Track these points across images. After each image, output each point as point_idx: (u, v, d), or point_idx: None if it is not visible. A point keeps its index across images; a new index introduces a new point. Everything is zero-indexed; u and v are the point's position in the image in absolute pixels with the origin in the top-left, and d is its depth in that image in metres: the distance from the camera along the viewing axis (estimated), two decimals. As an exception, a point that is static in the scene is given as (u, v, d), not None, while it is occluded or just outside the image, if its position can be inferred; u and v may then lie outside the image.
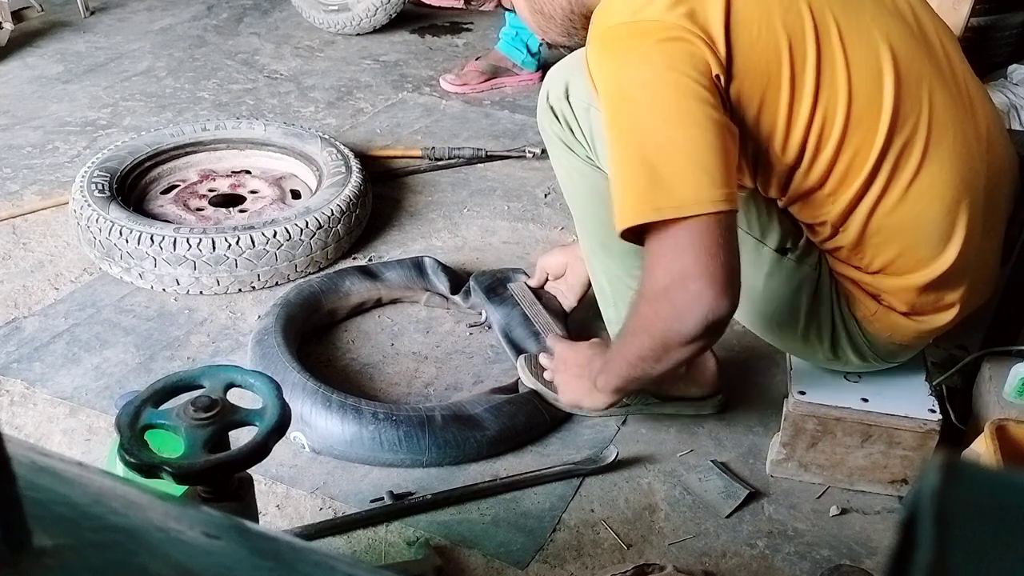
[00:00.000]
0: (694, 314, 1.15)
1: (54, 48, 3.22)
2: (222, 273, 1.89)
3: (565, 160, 1.47)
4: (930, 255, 1.30)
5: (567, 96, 1.41)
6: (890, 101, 1.22)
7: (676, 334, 1.19)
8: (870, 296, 1.37)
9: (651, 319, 1.22)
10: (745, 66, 1.18)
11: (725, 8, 1.17)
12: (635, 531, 1.42)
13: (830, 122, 1.22)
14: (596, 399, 1.47)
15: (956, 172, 1.27)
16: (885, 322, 1.38)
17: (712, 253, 1.12)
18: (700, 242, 1.12)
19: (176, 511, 0.43)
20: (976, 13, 2.57)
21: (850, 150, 1.23)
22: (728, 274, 1.14)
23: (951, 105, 1.27)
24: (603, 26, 1.22)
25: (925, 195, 1.26)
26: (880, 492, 1.49)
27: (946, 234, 1.29)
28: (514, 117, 2.83)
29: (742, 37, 1.17)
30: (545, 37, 1.46)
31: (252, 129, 2.34)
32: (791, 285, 1.38)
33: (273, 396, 0.97)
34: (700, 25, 1.16)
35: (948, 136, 1.26)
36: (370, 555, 1.37)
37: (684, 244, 1.13)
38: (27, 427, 1.59)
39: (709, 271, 1.13)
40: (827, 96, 1.21)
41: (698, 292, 1.13)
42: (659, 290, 1.18)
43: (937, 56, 1.29)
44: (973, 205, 1.29)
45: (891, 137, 1.23)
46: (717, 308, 1.14)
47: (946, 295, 1.35)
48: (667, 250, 1.15)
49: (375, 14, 3.32)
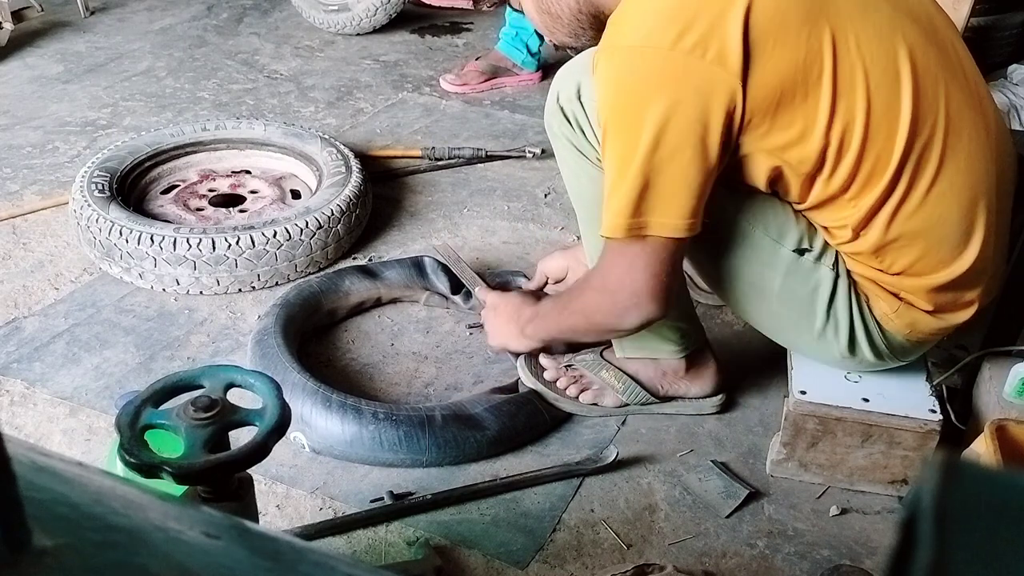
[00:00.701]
0: (632, 318, 1.36)
1: (54, 48, 3.22)
2: (222, 273, 1.89)
3: (573, 162, 1.46)
4: (951, 255, 1.30)
5: (579, 97, 1.39)
6: (908, 104, 1.22)
7: (611, 327, 1.43)
8: (891, 294, 1.37)
9: (592, 308, 1.41)
10: (758, 84, 1.18)
11: (743, 31, 1.15)
12: (635, 531, 1.42)
13: (850, 129, 1.21)
14: (522, 343, 1.63)
15: (973, 172, 1.27)
16: (906, 319, 1.37)
17: (658, 272, 1.30)
18: (657, 260, 1.29)
19: (176, 511, 0.43)
20: (976, 13, 2.57)
21: (872, 155, 1.23)
22: (667, 291, 1.33)
23: (965, 105, 1.27)
24: (616, 42, 1.23)
25: (945, 196, 1.26)
26: (880, 492, 1.49)
27: (967, 234, 1.29)
28: (514, 117, 2.83)
29: (759, 56, 1.17)
30: (552, 38, 1.45)
31: (252, 129, 2.34)
32: (809, 285, 1.38)
33: (273, 396, 0.97)
34: (714, 53, 1.15)
35: (964, 137, 1.26)
36: (370, 555, 1.37)
37: (640, 262, 1.30)
38: (27, 427, 1.59)
39: (653, 289, 1.31)
40: (846, 104, 1.20)
41: (640, 303, 1.33)
42: (608, 289, 1.36)
43: (949, 55, 1.28)
44: (989, 203, 1.30)
45: (911, 140, 1.23)
46: (651, 316, 1.35)
47: (966, 293, 1.35)
48: (625, 261, 1.32)
49: (375, 14, 3.32)
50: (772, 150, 1.24)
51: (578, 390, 1.62)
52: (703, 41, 1.16)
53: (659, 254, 1.28)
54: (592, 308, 1.41)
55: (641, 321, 1.36)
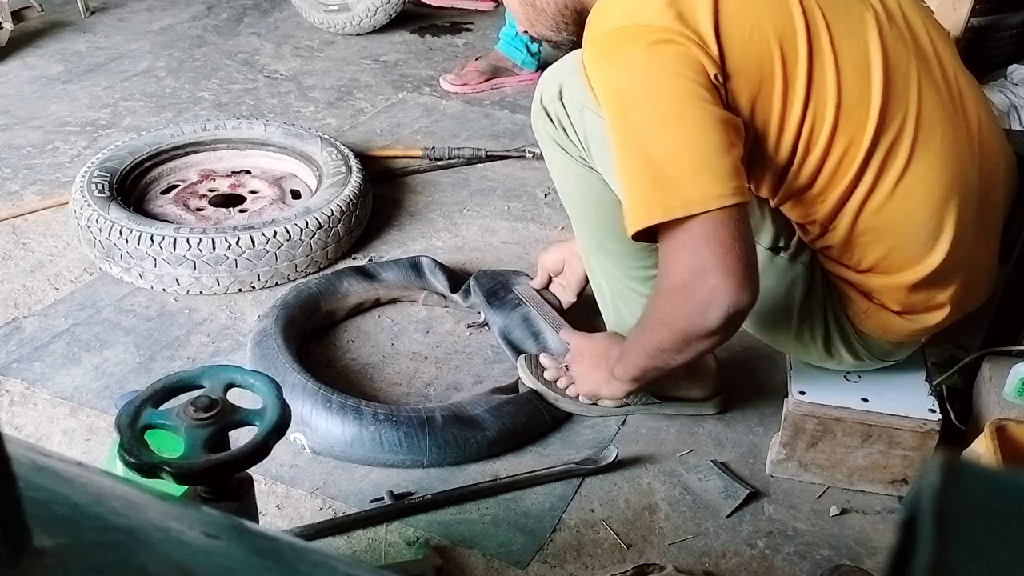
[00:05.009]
0: (715, 308, 1.17)
1: (54, 48, 3.22)
2: (222, 273, 1.89)
3: (560, 161, 1.47)
4: (918, 254, 1.30)
5: (561, 97, 1.40)
6: (878, 99, 1.22)
7: (697, 327, 1.21)
8: (861, 294, 1.37)
9: (671, 313, 1.24)
10: (738, 68, 1.18)
11: (713, 11, 1.17)
12: (635, 531, 1.42)
13: (819, 121, 1.22)
14: (615, 388, 1.51)
15: (944, 171, 1.27)
16: (877, 320, 1.38)
17: (728, 246, 1.14)
18: (715, 236, 1.14)
19: (176, 511, 0.43)
20: (976, 13, 2.57)
21: (839, 149, 1.23)
22: (746, 266, 1.15)
23: (939, 104, 1.27)
24: (598, 31, 1.23)
25: (912, 194, 1.26)
26: (880, 492, 1.49)
27: (935, 233, 1.28)
28: (514, 117, 2.83)
29: (733, 39, 1.18)
30: (531, 30, 1.45)
31: (252, 129, 2.34)
32: (784, 283, 1.38)
33: (273, 396, 0.97)
34: (691, 27, 1.16)
35: (936, 135, 1.26)
36: (370, 555, 1.37)
37: (699, 240, 1.14)
38: (27, 427, 1.59)
39: (726, 264, 1.14)
40: (817, 96, 1.21)
41: (718, 286, 1.15)
42: (678, 286, 1.19)
43: (926, 54, 1.29)
44: (963, 204, 1.29)
45: (879, 135, 1.23)
46: (738, 300, 1.16)
47: (937, 295, 1.35)
48: (683, 247, 1.16)
49: (375, 14, 3.32)
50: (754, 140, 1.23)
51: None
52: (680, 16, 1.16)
53: (715, 230, 1.14)
54: (671, 314, 1.24)
55: (726, 311, 1.16)
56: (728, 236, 1.14)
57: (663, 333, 1.28)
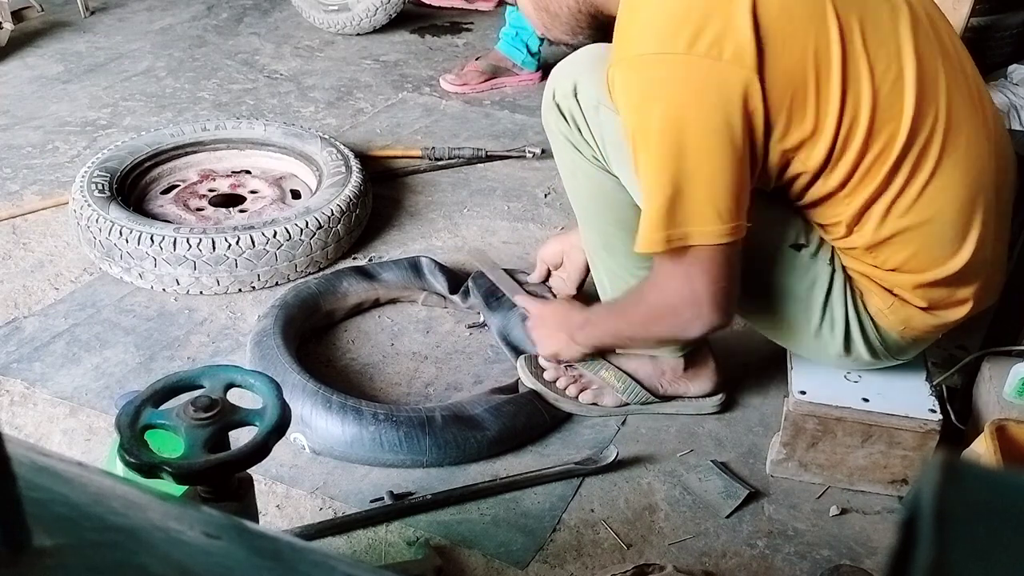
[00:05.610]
0: (695, 328, 1.34)
1: (54, 48, 3.22)
2: (222, 273, 1.89)
3: (570, 160, 1.46)
4: (946, 253, 1.30)
5: (575, 94, 1.38)
6: (911, 102, 1.21)
7: (672, 337, 1.44)
8: (885, 290, 1.37)
9: (651, 321, 1.39)
10: (773, 80, 1.17)
11: (753, 26, 1.15)
12: (635, 531, 1.42)
13: (855, 127, 1.21)
14: (574, 350, 1.58)
15: (970, 171, 1.27)
16: (900, 315, 1.37)
17: (717, 281, 1.26)
18: (707, 269, 1.26)
19: (176, 511, 0.43)
20: (976, 13, 2.57)
21: (873, 152, 1.23)
22: (729, 297, 1.29)
23: (964, 104, 1.27)
24: (629, 53, 1.22)
25: (940, 195, 1.26)
26: (880, 492, 1.49)
27: (962, 232, 1.29)
28: (514, 117, 2.83)
29: (770, 50, 1.16)
30: (548, 34, 1.45)
31: (252, 129, 2.34)
32: (806, 281, 1.37)
33: (273, 396, 0.97)
34: (731, 52, 1.15)
35: (963, 135, 1.26)
36: (370, 555, 1.37)
37: (692, 272, 1.27)
38: (27, 427, 1.59)
39: (715, 298, 1.28)
40: (852, 101, 1.20)
41: (702, 313, 1.30)
42: (666, 307, 1.34)
43: (950, 54, 1.28)
44: (987, 202, 1.29)
45: (912, 137, 1.23)
46: (716, 324, 1.32)
47: (960, 291, 1.35)
48: (677, 275, 1.29)
49: (375, 14, 3.32)
50: (788, 149, 1.23)
51: (578, 390, 1.62)
52: (718, 42, 1.15)
53: (711, 263, 1.25)
54: (651, 321, 1.39)
55: (704, 331, 1.34)
56: (718, 271, 1.26)
57: (636, 331, 1.45)
